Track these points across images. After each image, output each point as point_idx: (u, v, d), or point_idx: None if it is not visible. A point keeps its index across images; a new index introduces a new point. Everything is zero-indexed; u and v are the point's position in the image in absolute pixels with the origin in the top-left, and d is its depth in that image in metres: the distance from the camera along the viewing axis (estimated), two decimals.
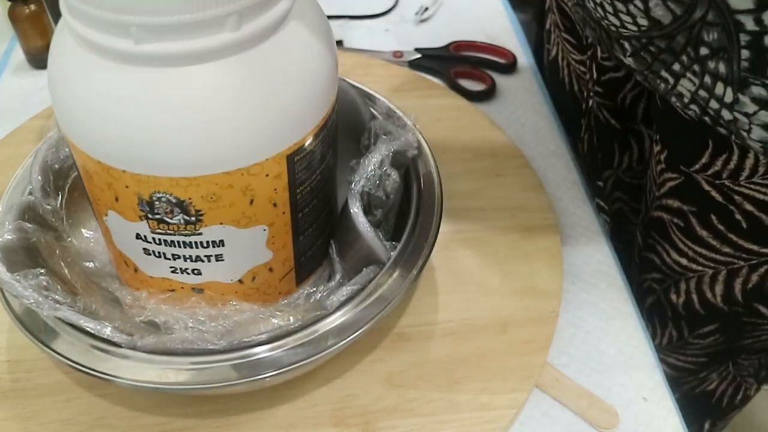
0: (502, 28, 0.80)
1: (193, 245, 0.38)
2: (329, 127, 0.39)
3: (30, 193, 0.45)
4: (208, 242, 0.38)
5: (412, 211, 0.46)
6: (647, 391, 0.47)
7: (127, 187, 0.35)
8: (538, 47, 0.73)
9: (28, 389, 0.44)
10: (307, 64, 0.36)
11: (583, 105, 0.59)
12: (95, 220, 0.47)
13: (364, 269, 0.42)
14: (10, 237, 0.41)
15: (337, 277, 0.44)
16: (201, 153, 0.34)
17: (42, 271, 0.39)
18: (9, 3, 0.67)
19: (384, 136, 0.47)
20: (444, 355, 0.47)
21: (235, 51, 0.33)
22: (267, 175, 0.36)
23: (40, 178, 0.45)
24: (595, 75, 0.56)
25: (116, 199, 0.37)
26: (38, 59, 0.71)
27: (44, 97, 0.67)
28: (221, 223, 0.37)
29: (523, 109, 0.69)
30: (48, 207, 0.45)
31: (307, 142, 0.37)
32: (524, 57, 0.76)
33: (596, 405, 0.46)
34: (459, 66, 0.73)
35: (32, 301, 0.38)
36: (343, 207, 0.45)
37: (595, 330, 0.50)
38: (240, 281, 0.42)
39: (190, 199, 0.35)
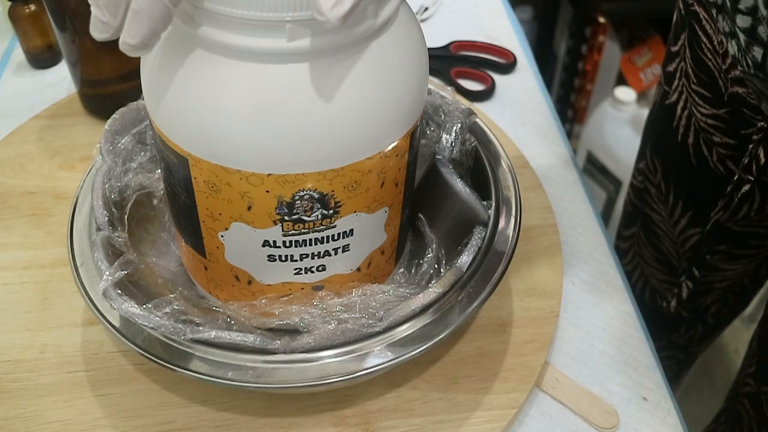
0: (501, 28, 0.80)
1: (325, 240, 0.39)
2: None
3: (99, 228, 0.43)
4: (339, 234, 0.39)
5: (488, 169, 0.47)
6: (647, 391, 0.47)
7: (267, 191, 0.35)
8: (538, 47, 0.73)
9: (29, 389, 0.44)
10: (420, 43, 0.37)
11: (708, 157, 0.57)
12: (156, 247, 0.47)
13: (475, 229, 0.43)
14: (126, 272, 0.40)
15: (434, 246, 0.45)
16: (352, 141, 0.34)
17: (173, 296, 0.39)
18: (9, 3, 0.67)
19: (446, 107, 0.48)
20: (444, 354, 0.47)
21: (374, 37, 0.33)
22: (397, 155, 0.38)
23: (105, 212, 0.44)
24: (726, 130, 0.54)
25: (249, 208, 0.36)
26: (38, 59, 0.71)
27: (44, 97, 0.68)
28: (355, 212, 0.38)
29: (523, 108, 0.69)
30: (120, 239, 0.43)
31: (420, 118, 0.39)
32: (524, 57, 0.76)
33: (596, 405, 0.46)
34: (459, 66, 0.73)
35: (171, 329, 0.37)
36: (430, 177, 0.46)
37: (595, 330, 0.50)
38: (358, 269, 0.42)
39: (332, 191, 0.36)
